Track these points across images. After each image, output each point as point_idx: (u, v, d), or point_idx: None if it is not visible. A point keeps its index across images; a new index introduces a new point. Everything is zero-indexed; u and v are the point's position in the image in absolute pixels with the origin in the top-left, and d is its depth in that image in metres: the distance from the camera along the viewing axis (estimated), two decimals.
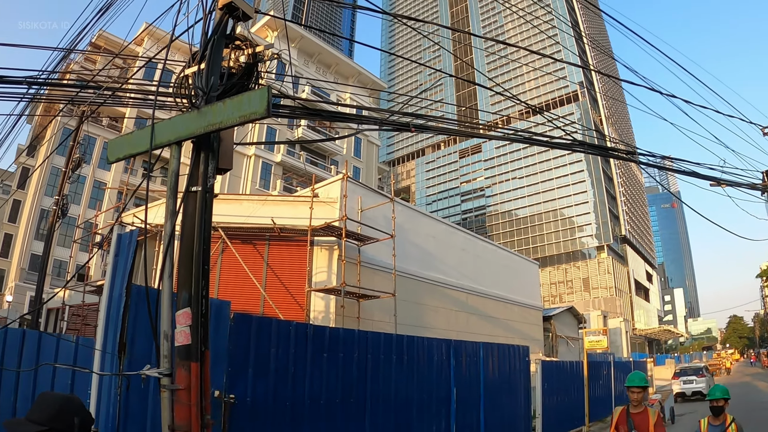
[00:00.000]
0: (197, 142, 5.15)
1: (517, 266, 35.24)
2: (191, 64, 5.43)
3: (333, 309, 19.07)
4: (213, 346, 6.46)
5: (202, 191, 5.07)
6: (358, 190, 21.45)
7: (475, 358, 13.03)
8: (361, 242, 20.07)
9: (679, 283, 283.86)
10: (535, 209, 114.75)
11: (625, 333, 73.99)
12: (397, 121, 8.40)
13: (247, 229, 18.83)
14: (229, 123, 4.70)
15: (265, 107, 4.47)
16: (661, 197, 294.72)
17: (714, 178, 14.32)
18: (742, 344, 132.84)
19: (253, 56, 5.44)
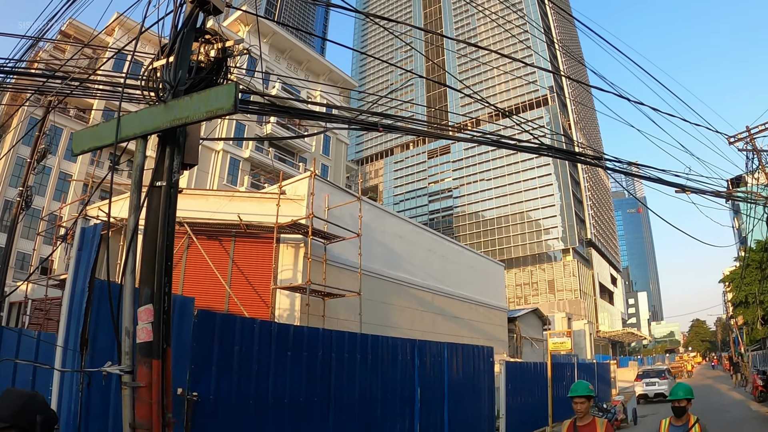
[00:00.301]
0: (163, 137, 5.10)
1: (483, 267, 35.43)
2: (160, 57, 5.37)
3: (298, 307, 18.99)
4: (176, 343, 6.39)
5: (167, 186, 5.01)
6: (325, 188, 21.40)
7: (439, 358, 13.08)
8: (328, 240, 20.02)
9: (643, 286, 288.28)
10: (502, 211, 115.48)
11: (589, 335, 74.84)
12: (365, 120, 8.39)
13: (213, 225, 18.67)
14: (196, 118, 4.66)
15: (232, 103, 4.43)
16: (627, 202, 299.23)
17: (679, 185, 14.55)
18: (704, 348, 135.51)
19: (222, 51, 5.38)
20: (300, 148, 54.44)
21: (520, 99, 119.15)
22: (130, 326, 4.82)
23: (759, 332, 47.84)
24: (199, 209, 18.92)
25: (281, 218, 18.43)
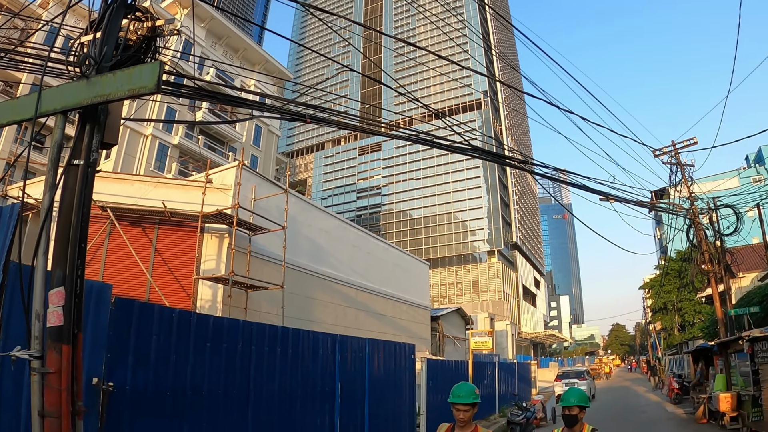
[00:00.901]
0: (84, 113, 4.90)
1: (407, 265, 35.65)
2: (88, 32, 5.18)
3: (220, 298, 18.68)
4: (92, 330, 6.17)
5: (84, 165, 4.82)
6: (253, 179, 21.12)
7: (360, 354, 13.06)
8: (253, 232, 19.76)
9: (566, 290, 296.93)
10: (429, 211, 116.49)
11: (511, 336, 76.34)
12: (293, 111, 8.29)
13: (137, 211, 18.12)
14: (118, 96, 4.49)
15: (155, 82, 4.29)
16: (553, 208, 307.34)
17: (604, 192, 14.95)
18: (623, 351, 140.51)
19: (152, 30, 5.21)
20: (230, 137, 53.55)
21: (455, 101, 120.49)
22: (41, 310, 4.62)
23: (676, 338, 49.93)
24: (123, 194, 18.38)
25: (207, 207, 18.09)
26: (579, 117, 14.17)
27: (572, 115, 13.83)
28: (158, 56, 5.49)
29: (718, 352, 22.21)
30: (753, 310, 23.00)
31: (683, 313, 48.81)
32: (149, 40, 5.29)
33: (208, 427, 8.35)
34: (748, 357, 17.25)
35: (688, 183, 24.92)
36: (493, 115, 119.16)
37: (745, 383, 18.01)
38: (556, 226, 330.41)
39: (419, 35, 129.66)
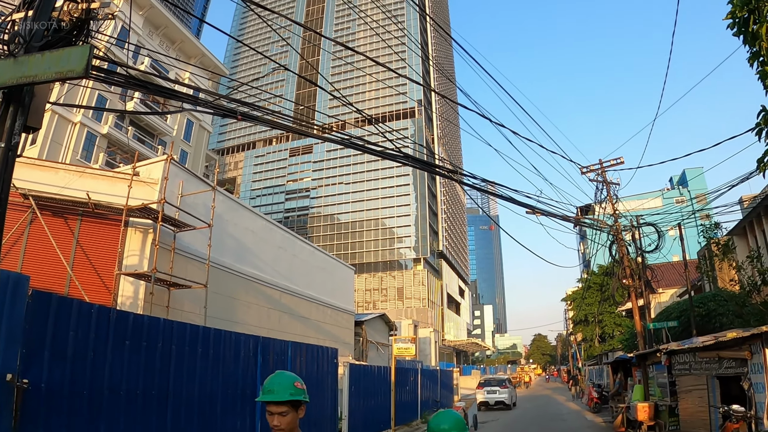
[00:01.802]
0: (8, 94, 4.68)
1: (333, 269, 35.58)
2: (20, 9, 4.94)
3: (142, 295, 18.19)
4: (8, 323, 5.91)
5: (5, 149, 4.59)
6: (181, 174, 20.69)
7: (283, 357, 12.93)
8: (178, 228, 19.36)
9: (490, 300, 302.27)
10: (357, 216, 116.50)
11: (435, 343, 77.04)
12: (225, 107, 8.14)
13: (60, 200, 17.42)
14: (45, 78, 4.30)
15: (84, 66, 4.14)
16: (480, 219, 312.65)
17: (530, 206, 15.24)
18: (544, 361, 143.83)
19: (86, 12, 5.01)
20: (161, 130, 52.38)
21: (389, 108, 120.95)
22: None
23: (597, 349, 51.44)
24: (46, 182, 17.69)
25: (132, 200, 17.60)
26: (510, 131, 14.40)
27: (503, 129, 14.05)
28: (91, 40, 5.27)
29: (636, 363, 22.98)
30: (671, 324, 23.92)
31: (604, 325, 50.43)
32: (82, 22, 5.07)
33: (125, 428, 8.12)
34: (666, 369, 17.92)
35: (613, 200, 25.71)
36: (426, 124, 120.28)
37: (663, 394, 18.73)
38: (482, 236, 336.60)
39: (359, 40, 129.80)
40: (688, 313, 23.94)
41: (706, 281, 31.80)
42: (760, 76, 7.55)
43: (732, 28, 7.72)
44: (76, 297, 15.36)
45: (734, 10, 7.58)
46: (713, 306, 24.35)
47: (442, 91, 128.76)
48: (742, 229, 26.86)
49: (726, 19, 7.79)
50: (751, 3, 7.29)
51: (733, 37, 7.79)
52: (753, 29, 7.40)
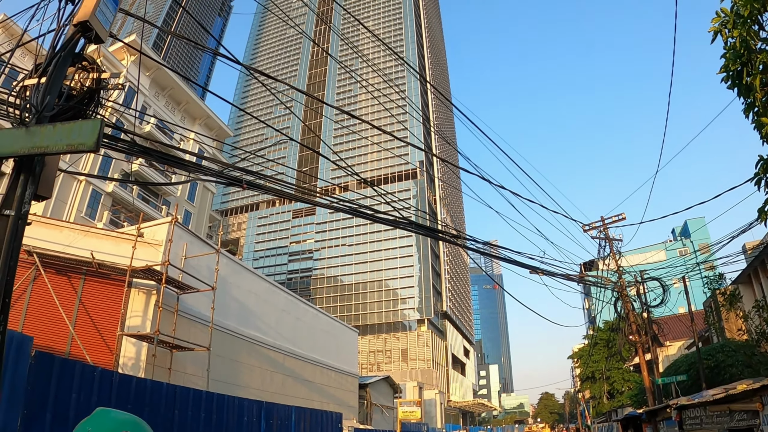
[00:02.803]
0: (19, 162, 4.74)
1: (336, 332, 35.33)
2: (33, 75, 5.06)
3: (144, 357, 18.02)
4: (10, 384, 5.85)
5: (15, 216, 4.62)
6: (185, 236, 20.76)
7: (286, 422, 12.76)
8: (181, 290, 19.31)
9: (495, 359, 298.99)
10: (360, 277, 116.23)
11: (440, 404, 75.92)
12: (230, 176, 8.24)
13: (64, 259, 17.44)
14: (56, 149, 4.37)
15: (95, 140, 4.21)
16: (484, 278, 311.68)
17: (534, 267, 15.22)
18: (552, 419, 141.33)
19: (97, 82, 5.13)
20: (165, 190, 52.78)
21: (391, 170, 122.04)
22: None
23: (605, 406, 50.65)
24: (51, 240, 17.73)
25: (136, 261, 17.60)
26: (511, 192, 14.48)
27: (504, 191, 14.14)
28: (100, 108, 5.38)
29: (646, 420, 22.58)
30: (680, 379, 23.63)
31: (612, 381, 49.74)
32: (93, 92, 5.19)
33: None
34: (677, 424, 17.59)
35: (617, 257, 25.69)
36: (428, 185, 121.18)
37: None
38: (486, 295, 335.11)
39: (360, 102, 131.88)
40: (697, 366, 23.72)
41: (713, 332, 31.60)
42: (756, 126, 7.70)
43: (726, 81, 7.90)
44: (78, 356, 15.24)
45: (727, 64, 7.77)
46: (722, 357, 24.14)
47: (443, 151, 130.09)
48: (747, 278, 26.81)
49: (720, 73, 7.95)
50: (744, 56, 7.46)
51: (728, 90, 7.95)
52: (747, 81, 7.57)
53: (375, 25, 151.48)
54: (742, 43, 7.46)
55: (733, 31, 7.58)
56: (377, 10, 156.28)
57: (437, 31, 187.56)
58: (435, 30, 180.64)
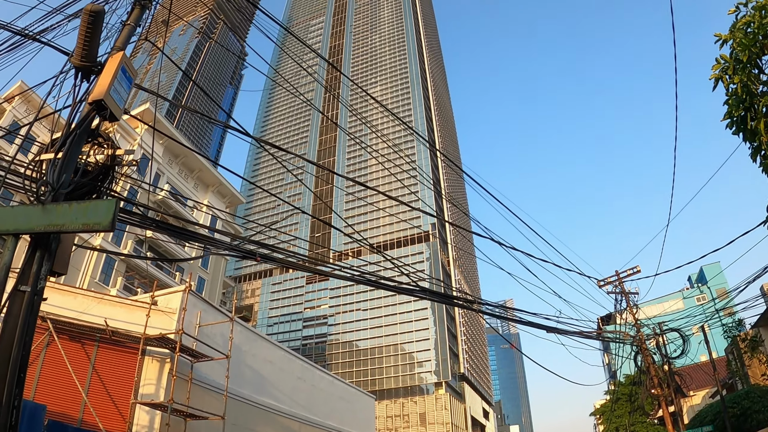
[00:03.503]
0: (35, 239, 4.87)
1: (353, 398, 34.92)
2: (49, 150, 5.21)
3: (158, 426, 17.87)
4: None
5: (31, 293, 4.72)
6: (199, 305, 20.81)
7: None
8: (196, 359, 19.26)
9: (516, 419, 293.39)
10: (376, 342, 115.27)
11: None
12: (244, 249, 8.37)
13: (77, 325, 17.50)
14: (71, 228, 4.51)
15: (110, 221, 4.35)
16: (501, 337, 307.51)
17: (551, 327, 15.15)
18: None
19: (111, 158, 5.30)
20: (179, 255, 53.10)
21: (403, 233, 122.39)
22: None
23: None
24: (64, 306, 17.83)
25: (150, 330, 17.64)
26: (523, 253, 14.53)
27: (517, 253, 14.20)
28: (115, 184, 5.53)
29: None
30: (706, 430, 23.18)
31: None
32: (107, 168, 5.35)
33: None
34: None
35: (634, 311, 25.45)
36: (441, 247, 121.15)
37: None
38: (504, 355, 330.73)
39: (371, 167, 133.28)
40: (723, 416, 23.24)
41: (737, 379, 31.00)
42: (764, 170, 7.75)
43: (731, 127, 7.98)
44: (91, 424, 15.17)
45: (731, 110, 7.86)
46: (747, 404, 23.69)
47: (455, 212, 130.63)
48: (766, 320, 26.41)
49: (724, 120, 8.04)
50: (746, 101, 7.56)
51: (733, 135, 8.03)
52: (751, 126, 7.65)
53: (382, 90, 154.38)
54: (743, 88, 7.57)
55: (734, 77, 7.71)
56: (384, 75, 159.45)
57: (443, 89, 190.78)
58: (441, 88, 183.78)
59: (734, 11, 7.74)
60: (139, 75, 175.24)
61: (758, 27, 7.37)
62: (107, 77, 5.18)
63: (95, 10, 5.56)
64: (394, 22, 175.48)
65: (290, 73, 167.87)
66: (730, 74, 7.79)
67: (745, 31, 7.56)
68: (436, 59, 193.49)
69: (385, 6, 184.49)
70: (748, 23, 7.51)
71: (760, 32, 7.37)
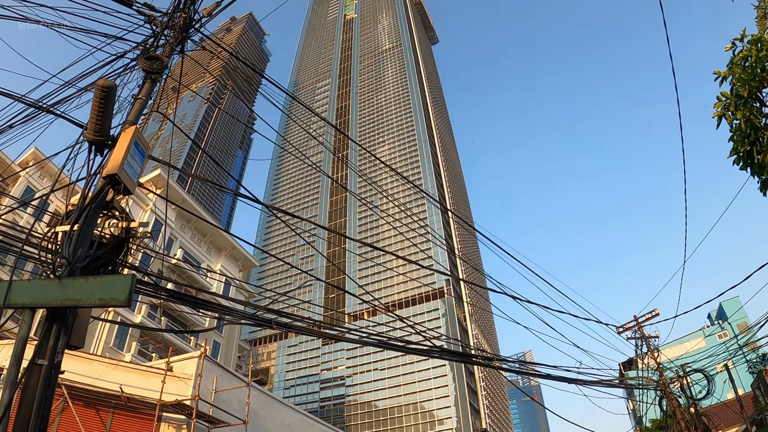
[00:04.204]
0: (52, 313, 4.95)
1: None
2: (64, 222, 5.33)
3: None
4: None
5: (48, 366, 4.78)
6: (215, 370, 20.75)
7: None
8: (212, 425, 19.12)
9: None
10: (395, 401, 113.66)
11: None
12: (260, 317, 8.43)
13: (92, 392, 17.50)
14: (88, 303, 4.59)
15: (127, 296, 4.44)
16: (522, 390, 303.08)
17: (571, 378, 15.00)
18: None
19: (126, 231, 5.42)
20: (194, 321, 52.99)
21: (418, 290, 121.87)
22: None
23: None
24: (79, 372, 17.85)
25: (165, 396, 17.59)
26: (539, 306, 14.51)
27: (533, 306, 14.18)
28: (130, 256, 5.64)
29: None
30: None
31: None
32: (122, 241, 5.47)
33: None
34: None
35: (655, 355, 25.10)
36: (456, 302, 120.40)
37: None
38: (525, 408, 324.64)
39: (383, 226, 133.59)
40: None
41: (765, 414, 30.35)
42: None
43: (737, 163, 8.00)
44: None
45: (736, 146, 7.89)
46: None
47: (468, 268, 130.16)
48: None
49: (730, 156, 8.05)
50: (751, 136, 7.61)
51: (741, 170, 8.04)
52: (758, 159, 7.67)
53: (390, 149, 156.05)
54: (746, 123, 7.61)
55: (737, 113, 7.75)
56: (391, 133, 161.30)
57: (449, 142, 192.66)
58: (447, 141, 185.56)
59: (731, 47, 7.86)
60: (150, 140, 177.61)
61: (756, 60, 7.47)
62: (120, 152, 5.35)
63: (107, 86, 5.77)
64: (399, 81, 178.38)
65: (299, 137, 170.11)
66: (732, 110, 7.85)
67: (743, 66, 7.65)
68: (441, 113, 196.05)
69: (389, 66, 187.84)
70: (745, 57, 7.61)
71: (758, 65, 7.46)
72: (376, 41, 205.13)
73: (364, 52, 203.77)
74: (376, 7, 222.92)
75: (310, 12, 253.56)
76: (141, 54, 7.93)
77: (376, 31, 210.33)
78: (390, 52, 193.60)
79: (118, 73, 8.22)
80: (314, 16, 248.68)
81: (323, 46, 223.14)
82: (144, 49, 8.26)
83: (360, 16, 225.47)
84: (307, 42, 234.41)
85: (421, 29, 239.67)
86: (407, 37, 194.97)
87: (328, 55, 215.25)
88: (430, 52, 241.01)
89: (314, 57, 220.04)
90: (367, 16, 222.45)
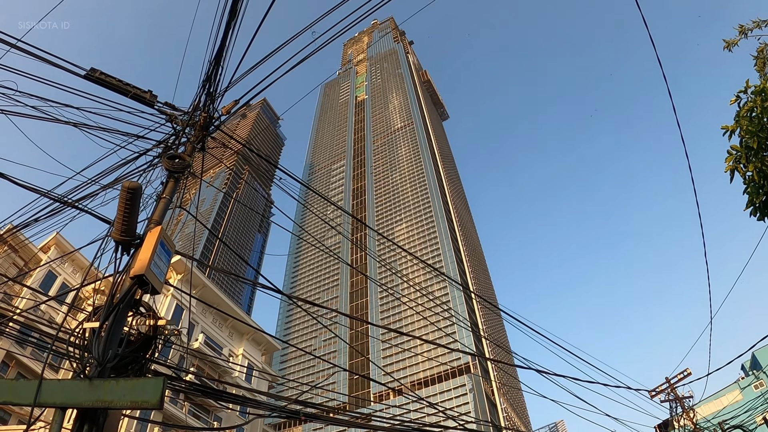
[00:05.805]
0: (82, 413, 5.00)
1: None
2: (92, 318, 5.42)
3: None
4: None
5: None
6: None
7: None
8: None
9: None
10: None
11: None
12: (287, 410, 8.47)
13: None
14: (119, 405, 4.61)
15: (158, 399, 4.47)
16: None
17: None
18: None
19: (154, 329, 5.54)
20: (216, 406, 52.33)
21: (443, 368, 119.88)
22: None
23: None
24: None
25: None
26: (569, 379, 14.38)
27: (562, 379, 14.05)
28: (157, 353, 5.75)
29: None
30: None
31: None
32: (150, 339, 5.58)
33: None
34: None
35: (691, 416, 24.49)
36: (483, 376, 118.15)
37: None
38: None
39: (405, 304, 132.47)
40: None
41: None
42: None
43: (754, 214, 8.04)
44: None
45: (752, 198, 7.93)
46: None
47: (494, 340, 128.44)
48: None
49: (747, 209, 8.09)
50: (765, 186, 7.66)
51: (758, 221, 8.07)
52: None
53: (408, 227, 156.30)
54: (759, 174, 7.68)
55: (749, 166, 7.84)
56: (408, 211, 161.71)
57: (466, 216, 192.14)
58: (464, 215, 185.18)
59: (735, 101, 8.00)
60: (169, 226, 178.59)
61: (762, 111, 7.58)
62: (147, 252, 5.53)
63: (133, 188, 6.01)
64: (412, 159, 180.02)
65: (316, 222, 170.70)
66: (744, 163, 7.93)
67: (749, 118, 7.76)
68: (455, 186, 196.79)
69: (402, 144, 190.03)
70: (751, 109, 7.73)
71: (764, 116, 7.57)
72: (388, 121, 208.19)
73: (377, 131, 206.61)
74: (387, 88, 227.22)
75: (322, 95, 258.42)
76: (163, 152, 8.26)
77: (387, 111, 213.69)
78: (402, 130, 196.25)
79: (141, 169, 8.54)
80: (326, 99, 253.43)
81: (336, 127, 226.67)
82: (165, 147, 8.58)
83: (371, 97, 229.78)
84: (320, 125, 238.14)
85: (431, 106, 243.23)
86: (418, 115, 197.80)
87: (341, 137, 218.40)
88: (441, 128, 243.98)
89: (328, 139, 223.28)
90: (377, 97, 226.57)
